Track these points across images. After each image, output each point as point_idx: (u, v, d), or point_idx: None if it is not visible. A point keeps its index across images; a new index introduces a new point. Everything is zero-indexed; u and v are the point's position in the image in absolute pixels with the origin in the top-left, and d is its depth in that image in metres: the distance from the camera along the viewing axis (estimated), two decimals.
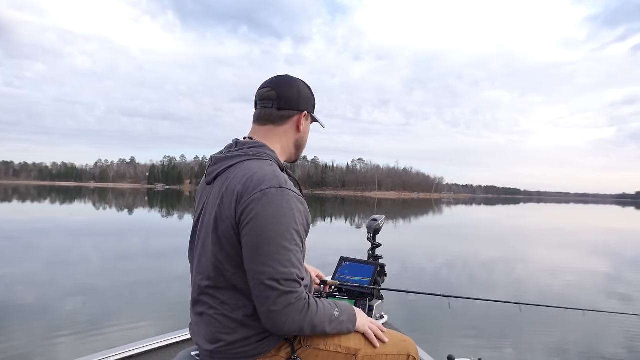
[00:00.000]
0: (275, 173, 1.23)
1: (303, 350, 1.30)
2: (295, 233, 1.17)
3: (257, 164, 1.26)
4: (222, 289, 1.24)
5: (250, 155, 1.30)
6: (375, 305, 2.19)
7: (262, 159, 1.29)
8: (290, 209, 1.17)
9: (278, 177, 1.21)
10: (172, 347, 2.10)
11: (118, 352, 1.92)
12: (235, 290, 1.23)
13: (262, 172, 1.22)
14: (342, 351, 1.33)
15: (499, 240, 17.19)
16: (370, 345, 1.37)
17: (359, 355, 1.34)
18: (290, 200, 1.18)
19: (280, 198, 1.17)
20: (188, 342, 2.16)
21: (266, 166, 1.25)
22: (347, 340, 1.35)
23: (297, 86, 1.39)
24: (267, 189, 1.17)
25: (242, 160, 1.28)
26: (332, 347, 1.32)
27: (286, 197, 1.18)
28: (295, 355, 1.28)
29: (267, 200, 1.16)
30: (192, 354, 1.36)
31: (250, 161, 1.27)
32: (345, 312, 1.34)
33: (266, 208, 1.15)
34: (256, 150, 1.31)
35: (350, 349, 1.34)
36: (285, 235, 1.15)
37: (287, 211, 1.17)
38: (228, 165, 1.29)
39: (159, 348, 2.06)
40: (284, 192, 1.18)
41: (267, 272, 1.14)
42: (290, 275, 1.15)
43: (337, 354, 1.32)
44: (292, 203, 1.18)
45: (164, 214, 25.84)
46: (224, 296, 1.24)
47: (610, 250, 14.64)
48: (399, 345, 1.42)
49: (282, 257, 1.14)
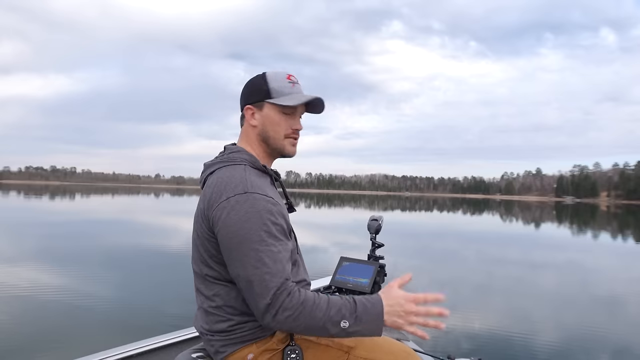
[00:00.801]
0: (242, 179, 1.27)
1: (297, 338, 1.31)
2: (265, 234, 1.20)
3: (228, 171, 1.32)
4: (211, 283, 1.31)
5: (226, 161, 1.36)
6: None
7: (235, 164, 1.34)
8: (256, 212, 1.21)
9: (244, 182, 1.26)
10: (173, 347, 2.02)
11: (118, 352, 1.86)
12: (223, 284, 1.29)
13: (230, 179, 1.28)
14: (334, 346, 1.33)
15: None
16: (365, 347, 1.35)
17: (352, 354, 1.34)
18: (255, 203, 1.22)
19: (244, 203, 1.21)
20: (189, 342, 2.12)
21: (236, 172, 1.30)
22: None
23: (246, 84, 1.44)
24: (232, 197, 1.23)
25: (218, 168, 1.35)
26: (323, 341, 1.33)
27: (250, 201, 1.22)
28: (293, 342, 1.30)
29: (231, 207, 1.22)
30: (193, 355, 1.39)
31: (224, 168, 1.34)
32: (363, 318, 1.16)
33: (231, 215, 1.21)
34: (232, 156, 1.37)
35: (343, 346, 1.34)
36: (252, 238, 1.19)
37: (252, 215, 1.20)
38: (209, 173, 1.37)
39: (158, 348, 2.00)
40: (249, 196, 1.23)
41: (242, 275, 1.19)
42: (264, 275, 1.16)
43: (329, 349, 1.33)
44: (258, 205, 1.22)
45: (574, 231, 22.71)
46: (214, 290, 1.31)
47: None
48: (398, 355, 1.38)
49: (252, 259, 1.17)
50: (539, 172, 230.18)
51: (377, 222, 2.41)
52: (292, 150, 1.44)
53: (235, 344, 1.29)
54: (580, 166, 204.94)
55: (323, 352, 1.34)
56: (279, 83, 1.40)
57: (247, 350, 1.29)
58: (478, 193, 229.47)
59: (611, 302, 6.93)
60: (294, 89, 1.41)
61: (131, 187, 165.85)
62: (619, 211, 58.06)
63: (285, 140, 1.42)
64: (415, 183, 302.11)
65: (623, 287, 8.28)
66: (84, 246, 10.99)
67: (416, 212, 37.84)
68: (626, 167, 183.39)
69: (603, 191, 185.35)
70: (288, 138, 1.42)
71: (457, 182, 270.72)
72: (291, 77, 1.43)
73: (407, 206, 50.88)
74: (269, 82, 1.40)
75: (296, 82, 1.43)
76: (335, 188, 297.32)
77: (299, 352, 1.30)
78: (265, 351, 1.29)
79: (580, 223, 30.08)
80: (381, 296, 1.21)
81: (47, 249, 10.41)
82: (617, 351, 4.60)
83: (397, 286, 1.22)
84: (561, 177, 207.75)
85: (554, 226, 26.74)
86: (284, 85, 1.40)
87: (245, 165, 1.34)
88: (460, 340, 4.59)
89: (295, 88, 1.42)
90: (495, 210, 46.83)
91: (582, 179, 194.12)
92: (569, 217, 37.51)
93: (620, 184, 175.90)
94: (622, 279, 9.15)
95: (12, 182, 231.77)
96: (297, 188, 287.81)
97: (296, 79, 1.45)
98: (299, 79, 1.45)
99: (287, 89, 1.40)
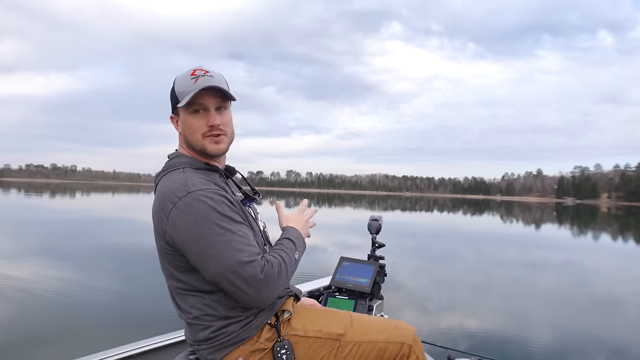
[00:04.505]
0: (181, 181, 1.26)
1: (285, 334, 1.33)
2: (225, 223, 1.21)
3: (169, 177, 1.30)
4: (184, 296, 1.30)
5: (167, 168, 1.35)
6: (375, 305, 2.19)
7: (175, 169, 1.32)
8: (208, 206, 1.21)
9: (185, 183, 1.25)
10: (172, 348, 2.01)
11: (118, 352, 1.86)
12: (195, 295, 1.28)
13: (171, 186, 1.26)
14: (323, 336, 1.34)
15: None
16: (355, 330, 1.37)
17: (343, 340, 1.35)
18: (202, 199, 1.21)
19: (192, 202, 1.21)
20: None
21: (175, 177, 1.29)
22: (329, 325, 1.37)
23: None
24: (178, 201, 1.22)
25: (162, 176, 1.34)
26: (311, 333, 1.34)
27: (197, 199, 1.21)
28: (281, 338, 1.31)
29: (182, 212, 1.21)
30: (190, 357, 1.39)
31: (165, 176, 1.32)
32: (301, 245, 1.41)
33: (186, 219, 1.20)
34: (172, 162, 1.36)
35: (332, 334, 1.35)
36: (217, 231, 1.19)
37: (205, 210, 1.20)
38: (157, 182, 1.36)
39: (158, 348, 1.99)
40: (193, 195, 1.22)
41: (222, 271, 1.18)
42: (241, 259, 1.18)
43: (318, 340, 1.34)
44: (206, 200, 1.21)
45: (574, 233, 22.69)
46: (188, 302, 1.29)
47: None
48: (391, 332, 1.39)
49: (225, 250, 1.18)
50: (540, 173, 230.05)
51: (377, 222, 2.42)
52: (214, 148, 1.35)
53: (222, 349, 1.29)
54: (581, 167, 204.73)
55: (313, 343, 1.34)
56: (183, 84, 1.32)
57: (236, 354, 1.28)
58: (478, 194, 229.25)
59: (610, 303, 6.92)
60: (197, 84, 1.30)
61: (132, 186, 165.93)
62: (619, 212, 58.01)
63: (205, 140, 1.34)
64: (415, 183, 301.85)
65: (622, 288, 8.28)
66: (83, 245, 10.96)
67: (417, 213, 37.80)
68: (627, 169, 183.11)
69: (604, 192, 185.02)
70: (207, 137, 1.33)
71: (458, 182, 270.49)
72: (196, 71, 1.33)
73: (407, 206, 50.84)
74: (175, 87, 1.34)
75: (201, 75, 1.31)
76: (336, 188, 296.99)
77: (289, 347, 1.30)
78: (254, 352, 1.29)
79: (581, 224, 30.03)
80: (289, 224, 1.47)
81: (47, 248, 10.38)
82: (615, 351, 4.60)
83: (285, 211, 1.54)
84: (562, 178, 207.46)
85: (555, 227, 26.66)
86: (187, 85, 1.31)
87: (184, 168, 1.32)
88: (460, 340, 4.59)
89: (199, 82, 1.30)
90: (495, 211, 46.76)
91: (582, 180, 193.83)
92: (569, 218, 37.44)
93: (621, 186, 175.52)
94: (622, 280, 9.14)
95: (13, 180, 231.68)
96: (297, 188, 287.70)
97: (203, 71, 1.33)
98: (208, 70, 1.34)
99: (189, 87, 1.30)
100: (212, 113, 1.33)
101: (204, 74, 1.31)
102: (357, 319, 1.43)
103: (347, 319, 1.41)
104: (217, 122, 1.32)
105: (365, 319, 1.45)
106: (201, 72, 1.32)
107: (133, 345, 1.94)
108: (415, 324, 1.48)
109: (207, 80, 1.30)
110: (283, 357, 1.28)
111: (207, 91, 1.30)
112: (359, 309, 2.14)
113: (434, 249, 13.20)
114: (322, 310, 1.47)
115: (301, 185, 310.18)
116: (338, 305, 2.15)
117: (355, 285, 2.20)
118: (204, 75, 1.31)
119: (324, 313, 1.45)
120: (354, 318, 1.42)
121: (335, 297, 2.20)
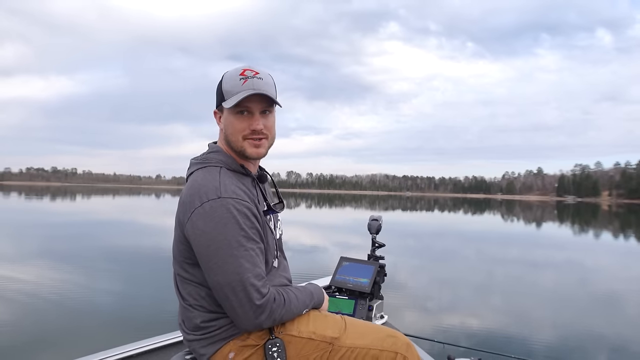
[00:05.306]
0: (215, 183, 1.25)
1: (278, 333, 1.32)
2: (243, 238, 1.21)
3: (202, 174, 1.30)
4: (186, 282, 1.32)
5: (202, 162, 1.35)
6: (375, 305, 2.20)
7: (210, 166, 1.32)
8: (232, 217, 1.21)
9: (217, 186, 1.24)
10: (172, 348, 2.01)
11: (118, 352, 1.87)
12: (194, 285, 1.30)
13: (203, 184, 1.26)
14: (317, 339, 1.34)
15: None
16: (349, 336, 1.36)
17: (336, 344, 1.34)
18: (230, 208, 1.21)
19: (219, 208, 1.21)
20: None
21: (209, 175, 1.29)
22: (323, 328, 1.36)
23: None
24: (206, 202, 1.22)
25: (196, 169, 1.34)
26: (304, 334, 1.34)
27: (225, 206, 1.21)
28: (274, 336, 1.30)
29: (206, 214, 1.21)
30: (187, 357, 1.40)
31: (199, 170, 1.33)
32: (315, 304, 1.44)
33: (207, 222, 1.21)
34: (208, 157, 1.36)
35: (326, 337, 1.34)
36: (231, 244, 1.19)
37: (228, 220, 1.20)
38: (190, 173, 1.36)
39: (158, 348, 1.99)
40: (222, 202, 1.22)
41: (221, 282, 1.20)
42: (243, 278, 1.19)
43: (311, 341, 1.33)
44: (232, 210, 1.21)
45: (575, 231, 22.67)
46: (187, 289, 1.32)
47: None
48: (384, 340, 1.37)
49: (231, 263, 1.19)
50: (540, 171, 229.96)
51: (377, 222, 2.42)
52: (253, 152, 1.34)
53: (213, 343, 1.30)
54: (581, 165, 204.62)
55: (305, 345, 1.33)
56: (231, 82, 1.31)
57: (227, 349, 1.29)
58: (479, 193, 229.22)
59: (611, 301, 6.92)
60: (245, 86, 1.29)
61: (132, 188, 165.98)
62: (620, 210, 57.97)
63: (245, 142, 1.33)
64: (416, 183, 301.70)
65: (623, 286, 8.27)
66: (84, 247, 10.99)
67: (417, 212, 37.81)
68: (627, 166, 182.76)
69: (604, 190, 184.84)
70: (247, 139, 1.32)
71: (458, 181, 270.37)
72: (246, 71, 1.31)
73: (408, 206, 50.84)
74: (223, 84, 1.33)
75: (251, 77, 1.30)
76: (336, 188, 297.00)
77: (281, 345, 1.30)
78: (245, 347, 1.29)
79: (582, 222, 30.01)
80: (322, 295, 1.51)
81: (47, 250, 10.40)
82: (616, 349, 4.60)
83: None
84: (562, 177, 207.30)
85: (555, 226, 26.67)
86: (234, 84, 1.30)
87: (221, 168, 1.32)
88: (461, 338, 4.58)
89: (247, 84, 1.29)
90: (496, 210, 46.73)
91: (583, 178, 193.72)
92: (570, 217, 37.42)
93: (622, 183, 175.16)
94: (623, 278, 9.14)
95: (14, 183, 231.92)
96: (297, 188, 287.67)
97: (252, 72, 1.31)
98: (257, 71, 1.32)
99: (237, 87, 1.29)
100: (256, 116, 1.31)
101: (253, 75, 1.30)
102: (351, 324, 1.42)
103: (342, 324, 1.40)
104: (260, 126, 1.31)
105: (359, 325, 1.44)
106: (251, 72, 1.30)
107: (132, 345, 1.95)
108: (416, 323, 1.48)
109: (256, 84, 1.29)
110: (274, 355, 1.27)
111: (254, 96, 1.29)
112: (359, 309, 2.14)
113: (435, 249, 13.19)
114: (317, 314, 1.46)
115: (302, 186, 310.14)
116: (338, 305, 2.15)
117: (355, 285, 2.20)
118: (253, 77, 1.30)
119: (319, 316, 1.44)
120: (348, 323, 1.42)
121: (335, 297, 2.19)
